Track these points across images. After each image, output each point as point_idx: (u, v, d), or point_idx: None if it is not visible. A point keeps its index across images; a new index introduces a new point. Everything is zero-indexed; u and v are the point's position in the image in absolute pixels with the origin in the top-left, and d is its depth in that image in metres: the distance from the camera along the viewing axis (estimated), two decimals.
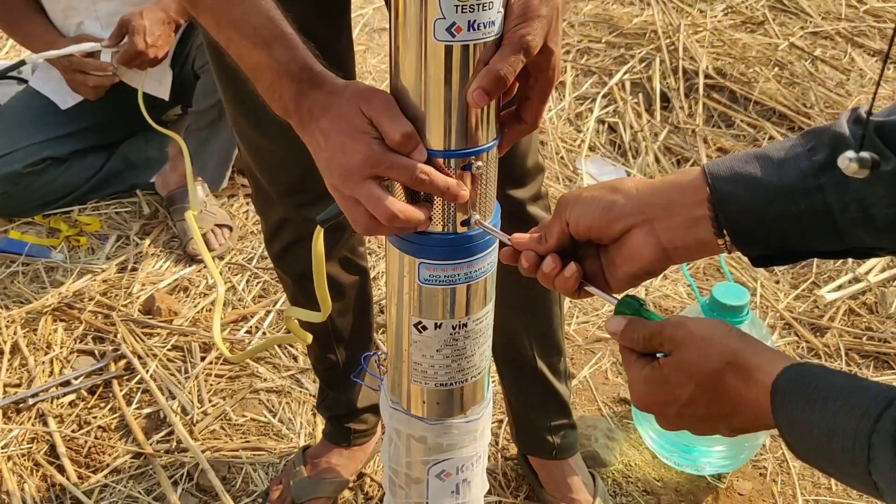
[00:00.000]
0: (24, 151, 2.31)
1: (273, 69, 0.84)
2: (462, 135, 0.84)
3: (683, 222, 0.79)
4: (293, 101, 0.84)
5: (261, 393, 1.93)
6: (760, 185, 0.76)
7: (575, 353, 2.06)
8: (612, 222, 0.82)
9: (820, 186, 0.74)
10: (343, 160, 0.81)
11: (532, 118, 0.89)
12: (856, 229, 0.75)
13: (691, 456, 1.73)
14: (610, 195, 0.83)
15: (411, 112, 0.83)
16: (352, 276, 1.52)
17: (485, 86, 0.79)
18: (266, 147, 1.29)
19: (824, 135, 0.76)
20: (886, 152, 0.72)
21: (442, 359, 0.97)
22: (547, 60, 0.84)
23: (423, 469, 1.05)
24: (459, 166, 0.85)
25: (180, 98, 2.46)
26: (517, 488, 1.72)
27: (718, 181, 0.78)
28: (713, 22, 3.35)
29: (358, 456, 1.71)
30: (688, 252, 0.81)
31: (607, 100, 2.98)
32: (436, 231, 0.89)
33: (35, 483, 1.72)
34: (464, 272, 0.91)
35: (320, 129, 0.83)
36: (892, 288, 2.22)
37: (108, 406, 1.89)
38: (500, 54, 0.80)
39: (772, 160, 0.77)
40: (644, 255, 0.81)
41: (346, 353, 1.59)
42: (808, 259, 0.81)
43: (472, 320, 0.96)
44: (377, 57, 3.28)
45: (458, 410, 1.02)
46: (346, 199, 0.84)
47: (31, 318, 2.09)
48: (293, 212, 1.36)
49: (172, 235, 2.40)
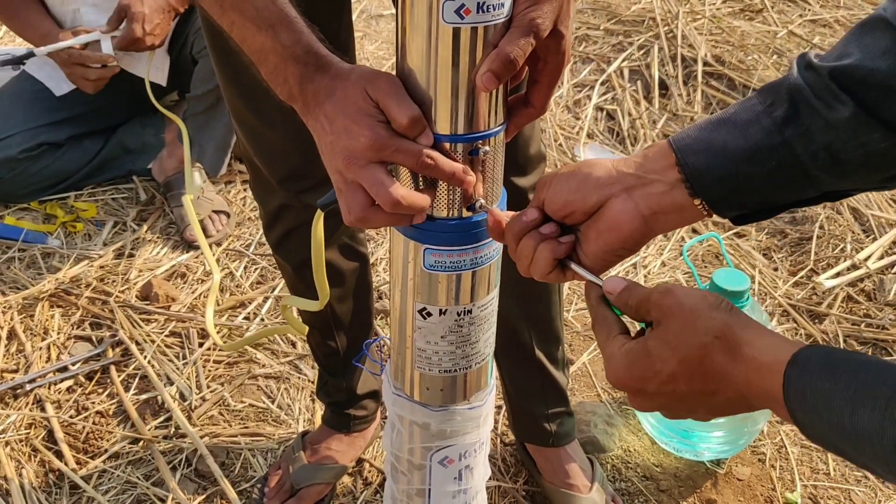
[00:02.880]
0: (20, 136, 2.30)
1: (277, 52, 0.82)
2: (469, 119, 0.83)
3: (660, 187, 0.79)
4: (298, 84, 0.83)
5: (259, 379, 1.93)
6: (729, 152, 0.76)
7: (574, 339, 2.06)
8: (589, 194, 0.81)
9: (786, 141, 0.74)
10: (347, 143, 0.80)
11: (540, 103, 0.88)
12: (827, 176, 0.75)
13: (690, 441, 1.73)
14: (585, 169, 0.82)
15: (418, 95, 0.82)
16: (352, 263, 1.51)
17: (494, 69, 0.78)
18: (266, 133, 1.28)
19: (780, 88, 0.76)
20: (842, 96, 0.72)
21: (446, 345, 0.96)
22: (557, 43, 0.83)
23: (426, 455, 1.05)
24: (466, 151, 0.84)
25: (178, 83, 2.44)
26: (516, 474, 1.72)
27: (688, 155, 0.78)
28: (712, 9, 3.34)
29: (357, 442, 1.71)
30: (667, 218, 0.80)
31: (606, 87, 2.97)
32: (441, 216, 0.88)
33: (33, 468, 1.71)
34: (469, 258, 0.90)
35: (325, 112, 0.82)
36: (890, 275, 2.23)
37: (105, 392, 1.89)
38: (509, 37, 0.78)
39: (735, 124, 0.77)
40: (623, 224, 0.80)
41: (345, 340, 1.58)
42: (786, 210, 0.81)
43: (478, 307, 0.95)
44: (375, 43, 3.26)
45: (462, 397, 1.02)
46: (349, 183, 0.82)
47: (27, 303, 2.08)
48: (293, 198, 1.35)
49: (170, 221, 2.39)
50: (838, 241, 2.33)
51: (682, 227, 2.38)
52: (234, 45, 0.87)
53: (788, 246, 2.35)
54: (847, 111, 0.72)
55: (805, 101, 0.74)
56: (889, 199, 2.48)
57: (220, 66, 1.24)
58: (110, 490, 1.68)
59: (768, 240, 2.37)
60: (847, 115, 0.72)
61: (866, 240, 2.34)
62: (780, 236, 2.38)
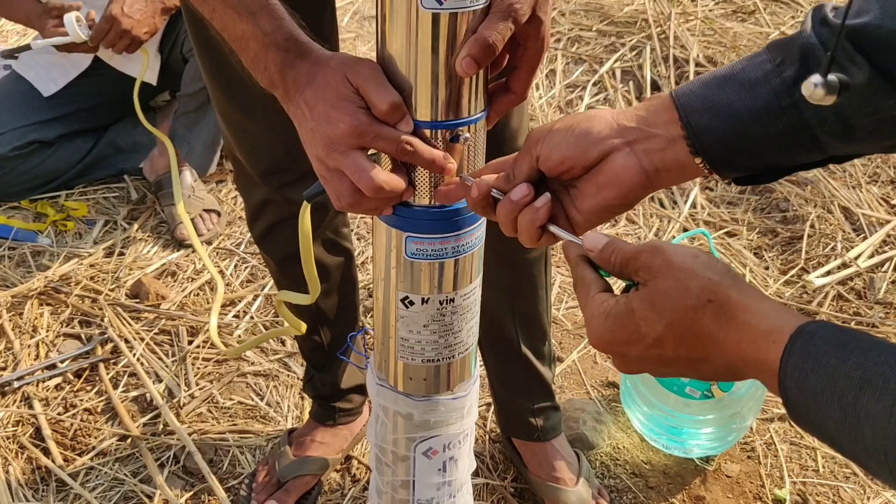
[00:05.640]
0: (10, 135, 2.29)
1: (258, 39, 0.82)
2: (449, 105, 0.83)
3: (662, 142, 0.76)
4: (279, 71, 0.83)
5: (248, 376, 1.93)
6: (735, 112, 0.72)
7: (563, 337, 2.06)
8: (589, 149, 0.77)
9: (794, 103, 0.70)
10: (328, 130, 0.80)
11: (521, 89, 0.87)
12: (835, 140, 0.71)
13: (679, 438, 1.73)
14: (585, 123, 0.78)
15: (398, 82, 0.81)
16: (336, 258, 1.51)
17: (473, 53, 0.77)
18: (247, 126, 1.28)
19: (792, 46, 0.71)
20: (858, 58, 0.67)
21: (429, 334, 0.96)
22: (536, 29, 0.83)
23: (410, 446, 1.05)
24: (447, 137, 0.84)
25: (168, 83, 2.44)
26: (505, 471, 1.72)
27: (691, 113, 0.74)
28: (704, 11, 3.34)
29: (343, 434, 1.70)
30: (668, 175, 0.77)
31: (598, 88, 2.97)
32: (423, 204, 0.87)
33: (20, 465, 1.70)
34: (451, 246, 0.90)
35: (305, 99, 0.82)
36: (880, 273, 2.23)
37: (94, 389, 1.88)
38: (487, 22, 0.78)
39: (742, 82, 0.73)
40: (625, 178, 0.77)
41: (330, 335, 1.58)
42: (790, 173, 0.77)
43: (460, 295, 0.95)
44: (367, 44, 3.26)
45: (445, 387, 1.01)
46: (331, 171, 0.82)
47: (16, 301, 2.08)
48: (275, 193, 1.35)
49: (160, 220, 2.38)
50: (829, 240, 2.33)
51: (678, 228, 2.37)
52: (217, 36, 0.86)
53: (779, 244, 2.35)
54: (862, 76, 0.67)
55: (818, 61, 0.69)
56: (879, 198, 2.48)
57: (203, 59, 1.24)
58: (98, 487, 1.68)
59: (759, 238, 2.37)
60: (861, 80, 0.67)
61: (857, 238, 2.34)
62: (770, 235, 2.38)
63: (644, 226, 2.39)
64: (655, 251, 0.69)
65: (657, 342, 0.68)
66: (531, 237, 0.80)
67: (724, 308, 0.65)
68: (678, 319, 0.66)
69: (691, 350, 0.67)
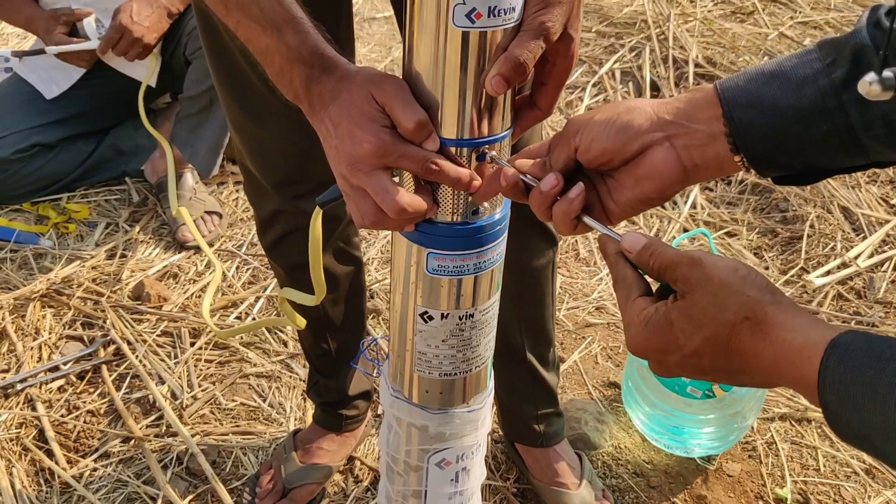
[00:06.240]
0: (12, 138, 2.30)
1: (283, 54, 0.81)
2: (476, 123, 0.81)
3: (702, 138, 0.75)
4: (304, 86, 0.82)
5: (251, 378, 1.93)
6: (779, 110, 0.72)
7: (565, 338, 2.06)
8: (629, 142, 0.77)
9: (841, 105, 0.69)
10: (352, 149, 0.79)
11: (546, 105, 0.86)
12: (880, 146, 0.70)
13: (681, 438, 1.74)
14: (625, 115, 0.78)
15: (424, 99, 0.80)
16: (346, 267, 1.51)
17: (504, 73, 0.76)
18: (260, 136, 1.27)
19: (844, 47, 0.70)
20: None
21: (447, 349, 0.95)
22: (566, 47, 0.81)
23: (423, 457, 1.04)
24: (473, 155, 0.82)
25: (170, 85, 2.45)
26: (507, 472, 1.73)
27: (736, 108, 0.73)
28: (703, 11, 3.35)
29: (349, 441, 1.71)
30: (707, 170, 0.77)
31: (597, 89, 2.98)
32: (446, 221, 0.86)
33: (24, 467, 1.71)
34: (473, 262, 0.89)
35: (330, 116, 0.81)
36: (880, 273, 2.24)
37: (97, 391, 1.89)
38: (519, 40, 0.77)
39: (790, 80, 0.72)
40: (664, 172, 0.77)
41: (338, 342, 1.58)
42: (833, 175, 0.76)
43: (479, 311, 0.94)
44: (367, 46, 3.27)
45: (461, 400, 1.01)
46: (355, 188, 0.81)
47: (19, 304, 2.08)
48: (287, 203, 1.34)
49: (162, 223, 2.39)
50: (828, 240, 2.34)
51: (678, 228, 2.38)
52: (230, 45, 0.85)
53: (779, 245, 2.36)
54: None
55: (870, 64, 0.67)
56: (879, 198, 2.49)
57: (215, 68, 1.23)
58: (101, 489, 1.68)
59: (759, 239, 2.38)
60: None
61: (856, 238, 2.35)
62: (770, 235, 2.39)
63: (644, 226, 2.40)
64: (694, 264, 0.70)
65: (694, 353, 0.69)
66: (566, 227, 0.80)
67: (760, 325, 0.66)
68: (715, 334, 0.67)
69: (728, 363, 0.68)
